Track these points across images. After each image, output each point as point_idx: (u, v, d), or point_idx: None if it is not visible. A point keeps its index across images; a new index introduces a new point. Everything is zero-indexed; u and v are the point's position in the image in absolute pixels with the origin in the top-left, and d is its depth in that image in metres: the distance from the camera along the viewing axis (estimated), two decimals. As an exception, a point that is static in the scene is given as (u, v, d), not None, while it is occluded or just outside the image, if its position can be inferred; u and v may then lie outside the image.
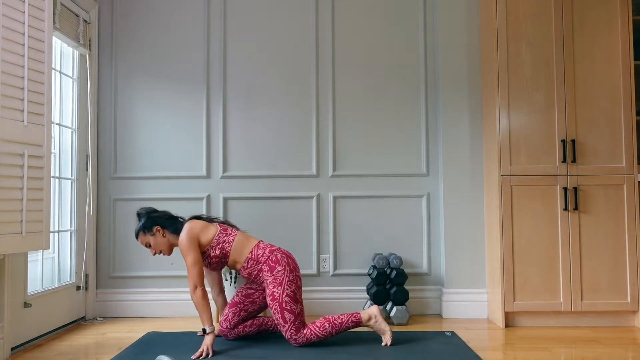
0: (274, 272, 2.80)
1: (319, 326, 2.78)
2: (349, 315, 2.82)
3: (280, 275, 2.79)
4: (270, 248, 2.87)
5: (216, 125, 3.79)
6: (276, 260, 2.82)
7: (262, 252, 2.85)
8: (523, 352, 2.77)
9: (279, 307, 2.75)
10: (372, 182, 3.76)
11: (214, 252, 2.84)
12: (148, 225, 2.89)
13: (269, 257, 2.83)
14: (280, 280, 2.78)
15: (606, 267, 3.26)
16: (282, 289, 2.76)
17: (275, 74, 3.81)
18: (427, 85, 3.78)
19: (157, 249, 2.90)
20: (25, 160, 2.59)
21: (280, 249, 2.90)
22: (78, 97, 3.61)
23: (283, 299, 2.75)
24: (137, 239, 2.93)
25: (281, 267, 2.80)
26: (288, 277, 2.79)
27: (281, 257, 2.83)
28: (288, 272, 2.80)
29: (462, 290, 3.59)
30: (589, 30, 3.34)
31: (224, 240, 2.85)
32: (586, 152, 3.31)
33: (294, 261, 2.87)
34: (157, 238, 2.88)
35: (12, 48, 2.53)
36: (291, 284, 2.78)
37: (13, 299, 2.83)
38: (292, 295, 2.77)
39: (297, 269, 2.86)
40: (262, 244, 2.89)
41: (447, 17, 3.68)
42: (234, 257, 2.86)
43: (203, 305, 2.72)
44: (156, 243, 2.89)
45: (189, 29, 3.82)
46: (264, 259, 2.83)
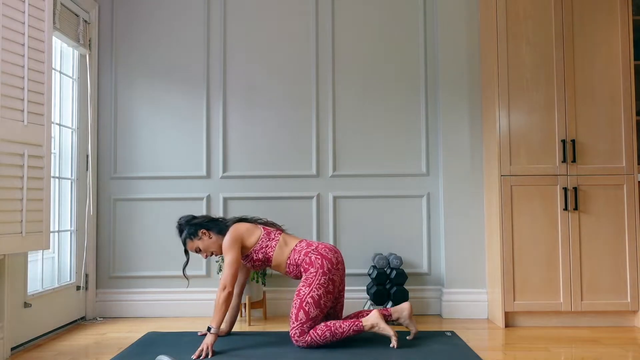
0: (307, 273, 2.82)
1: (319, 334, 2.75)
2: (351, 324, 2.78)
3: (311, 277, 2.80)
4: (306, 250, 2.87)
5: (216, 125, 3.79)
6: (310, 262, 2.83)
7: (299, 255, 2.87)
8: (523, 352, 2.77)
9: (298, 304, 2.76)
10: (372, 182, 3.76)
11: (257, 256, 2.90)
12: (193, 232, 2.96)
13: (304, 259, 2.85)
14: (310, 282, 2.79)
15: (606, 267, 3.26)
16: (308, 290, 2.77)
17: (275, 74, 3.81)
18: (427, 85, 3.78)
19: (208, 251, 2.96)
20: (25, 160, 2.59)
21: (318, 247, 2.88)
22: (78, 97, 3.61)
23: (306, 298, 2.76)
24: (186, 246, 3.00)
25: (314, 269, 2.81)
26: (319, 280, 2.79)
27: (315, 259, 2.83)
28: (320, 274, 2.79)
29: (462, 290, 3.59)
30: (589, 30, 3.34)
31: (267, 245, 2.90)
32: (586, 152, 3.31)
33: (330, 261, 2.83)
34: (204, 241, 2.95)
35: (12, 48, 2.53)
36: (320, 287, 2.78)
37: (13, 299, 2.83)
38: (316, 298, 2.76)
39: (332, 271, 2.82)
40: (298, 247, 2.90)
41: (447, 17, 3.68)
42: (276, 262, 2.91)
43: (222, 307, 2.75)
44: (205, 246, 2.95)
45: (189, 29, 3.82)
46: (300, 262, 2.86)
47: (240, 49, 3.82)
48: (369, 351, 2.73)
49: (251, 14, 3.84)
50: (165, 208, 3.75)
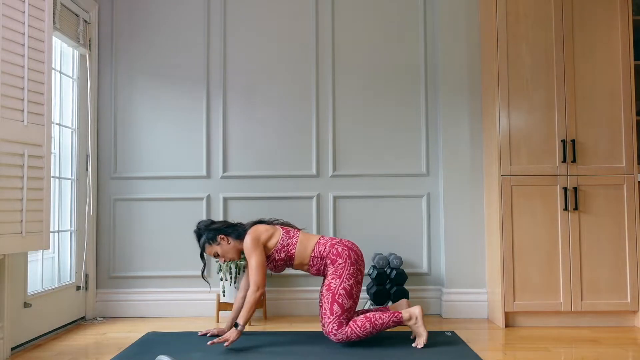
0: (335, 264, 2.83)
1: (359, 325, 2.75)
2: (391, 315, 2.78)
3: (341, 268, 2.81)
4: (331, 242, 2.89)
5: (216, 125, 3.79)
6: (337, 254, 2.84)
7: (323, 247, 2.88)
8: (523, 352, 2.77)
9: (330, 298, 2.77)
10: (372, 182, 3.76)
11: (279, 255, 2.89)
12: (212, 237, 2.96)
13: (330, 251, 2.86)
14: (340, 273, 2.80)
15: (606, 267, 3.26)
16: (339, 281, 2.79)
17: (275, 73, 3.81)
18: (427, 85, 3.78)
19: (226, 256, 2.97)
20: (25, 160, 2.59)
21: (342, 240, 2.91)
22: (78, 97, 3.61)
23: (338, 291, 2.77)
24: (204, 251, 3.00)
25: (342, 259, 2.83)
26: (348, 270, 2.81)
27: (342, 250, 2.85)
28: (349, 264, 2.82)
29: (462, 290, 3.59)
30: (589, 30, 3.34)
31: (288, 243, 2.90)
32: (586, 152, 3.31)
33: (356, 253, 2.87)
34: (223, 246, 2.95)
35: (12, 48, 2.53)
36: (350, 277, 2.80)
37: (13, 299, 2.83)
38: (348, 289, 2.78)
39: (359, 262, 2.86)
40: (322, 240, 2.91)
41: (447, 17, 3.68)
42: (299, 259, 2.90)
43: (254, 307, 2.79)
44: (223, 251, 2.96)
45: (189, 29, 3.82)
46: (326, 254, 2.86)
47: (240, 49, 3.82)
48: (369, 351, 2.73)
49: (251, 14, 3.84)
50: (165, 208, 3.75)
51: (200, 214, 3.73)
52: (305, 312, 3.69)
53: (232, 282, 3.41)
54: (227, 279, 3.43)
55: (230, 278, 3.41)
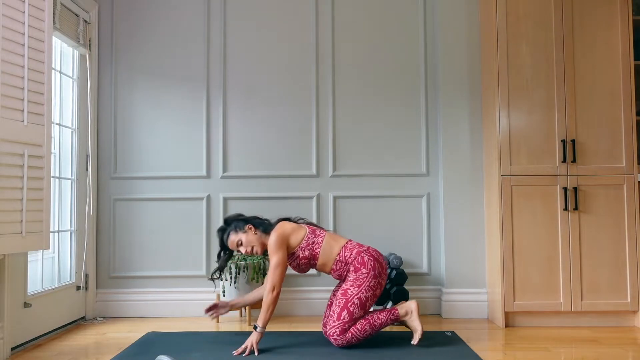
0: (357, 272, 2.78)
1: (359, 329, 2.74)
2: (387, 313, 2.79)
3: (362, 278, 2.77)
4: (358, 249, 2.84)
5: (216, 125, 3.79)
6: (362, 262, 2.79)
7: (350, 253, 2.83)
8: (523, 352, 2.77)
9: (343, 304, 2.74)
10: (372, 182, 3.76)
11: (304, 253, 2.84)
12: (240, 225, 2.91)
13: (356, 258, 2.81)
14: (360, 282, 2.76)
15: (606, 267, 3.26)
16: (357, 290, 2.75)
17: (275, 74, 3.81)
18: (427, 85, 3.78)
19: (249, 245, 2.89)
20: (25, 160, 2.59)
21: (369, 249, 2.86)
22: (78, 97, 3.61)
23: (353, 299, 2.73)
24: (227, 241, 2.92)
25: (366, 270, 2.78)
26: (369, 282, 2.76)
27: (368, 260, 2.80)
28: (371, 277, 2.77)
29: (462, 290, 3.59)
30: (589, 30, 3.34)
31: (313, 241, 2.85)
32: (586, 152, 3.31)
33: (381, 265, 2.82)
34: (249, 235, 2.89)
35: (12, 48, 2.53)
36: (369, 289, 2.76)
37: (13, 299, 2.83)
38: (363, 300, 2.74)
39: (382, 275, 2.81)
40: (349, 245, 2.87)
41: (447, 17, 3.68)
42: (322, 260, 2.85)
43: (271, 307, 2.73)
44: (248, 240, 2.88)
45: (189, 29, 3.82)
46: (351, 260, 2.81)
47: (240, 49, 3.82)
48: (368, 352, 2.73)
49: (251, 14, 3.84)
50: (165, 208, 3.75)
51: (200, 214, 3.74)
52: (305, 312, 3.69)
53: (232, 282, 3.41)
54: (227, 279, 3.43)
55: (231, 278, 3.41)
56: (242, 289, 3.41)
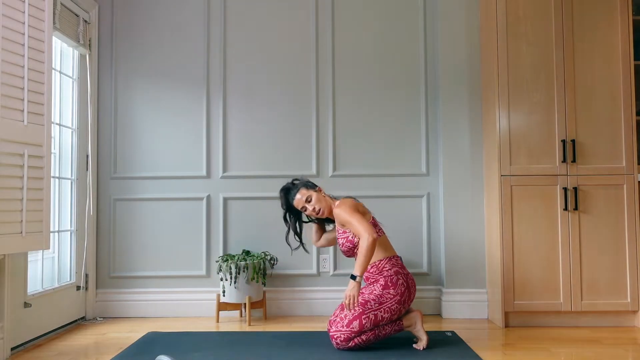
0: (384, 289, 2.73)
1: (364, 339, 2.71)
2: (392, 325, 2.77)
3: (387, 298, 2.71)
4: (398, 269, 2.79)
5: (216, 125, 3.79)
6: (394, 283, 2.73)
7: (390, 267, 2.78)
8: (523, 352, 2.77)
9: (358, 313, 2.68)
10: (372, 182, 3.76)
11: (356, 238, 2.80)
12: (311, 184, 2.97)
13: (391, 276, 2.75)
14: (383, 301, 2.71)
15: (606, 267, 3.26)
16: (377, 306, 2.70)
17: (275, 73, 3.81)
18: (427, 85, 3.78)
19: (317, 205, 2.89)
20: (25, 160, 2.59)
21: (408, 275, 2.81)
22: (78, 97, 3.61)
23: (369, 313, 2.69)
24: (293, 198, 2.93)
25: (394, 291, 2.72)
26: (391, 304, 2.71)
27: (401, 284, 2.74)
28: (396, 301, 2.71)
29: (462, 290, 3.59)
30: (589, 30, 3.34)
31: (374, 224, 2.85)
32: (586, 152, 3.31)
33: (409, 294, 2.76)
34: (319, 194, 2.94)
35: (12, 48, 2.53)
36: (388, 311, 2.71)
37: (13, 299, 2.83)
38: (378, 318, 2.70)
39: (406, 303, 2.75)
40: (394, 260, 2.82)
41: (447, 17, 3.68)
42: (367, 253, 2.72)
43: (368, 253, 2.63)
44: (317, 199, 2.91)
45: (189, 29, 3.82)
46: (386, 274, 2.77)
47: (240, 49, 3.82)
48: (369, 352, 2.73)
49: (251, 14, 3.84)
50: (166, 208, 3.75)
51: (200, 214, 3.74)
52: (305, 312, 3.69)
53: (232, 282, 3.41)
54: (227, 278, 3.42)
55: (230, 278, 3.41)
56: (242, 289, 3.41)
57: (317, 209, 2.90)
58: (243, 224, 3.73)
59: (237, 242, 3.73)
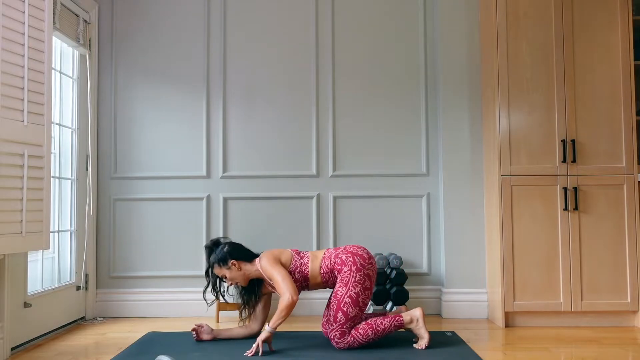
0: (341, 273, 2.78)
1: (362, 334, 2.73)
2: (392, 320, 2.77)
3: (346, 276, 2.75)
4: (335, 252, 2.85)
5: (216, 125, 3.79)
6: (341, 262, 2.79)
7: (329, 260, 2.83)
8: (523, 352, 2.77)
9: (336, 306, 2.73)
10: (372, 182, 3.76)
11: (294, 277, 2.84)
12: (223, 259, 2.89)
13: (335, 262, 2.81)
14: (346, 281, 2.74)
15: (606, 267, 3.26)
16: (346, 290, 2.73)
17: (275, 73, 3.81)
18: (427, 85, 3.78)
19: (232, 281, 2.92)
20: (25, 160, 2.59)
21: (346, 247, 2.86)
22: (78, 97, 3.61)
23: (344, 299, 2.72)
24: (212, 270, 2.94)
25: (347, 267, 2.77)
26: (354, 278, 2.74)
27: (346, 257, 2.79)
28: (355, 271, 2.75)
29: (462, 290, 3.59)
30: (589, 30, 3.34)
31: (301, 263, 2.85)
32: (586, 152, 3.31)
33: (361, 257, 2.79)
34: (232, 271, 2.89)
35: (12, 48, 2.53)
36: (357, 284, 2.73)
37: (13, 299, 2.83)
38: (354, 297, 2.72)
39: (365, 266, 2.77)
40: (327, 253, 2.87)
41: (447, 17, 3.68)
42: (313, 278, 2.86)
43: (284, 312, 2.67)
44: (232, 276, 2.89)
45: (189, 29, 3.82)
46: (332, 266, 2.82)
47: (240, 49, 3.82)
48: (369, 352, 2.73)
49: (251, 14, 3.84)
50: (166, 208, 3.75)
51: (200, 214, 3.74)
52: (305, 312, 3.69)
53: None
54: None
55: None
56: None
57: (232, 284, 2.93)
58: (243, 224, 3.73)
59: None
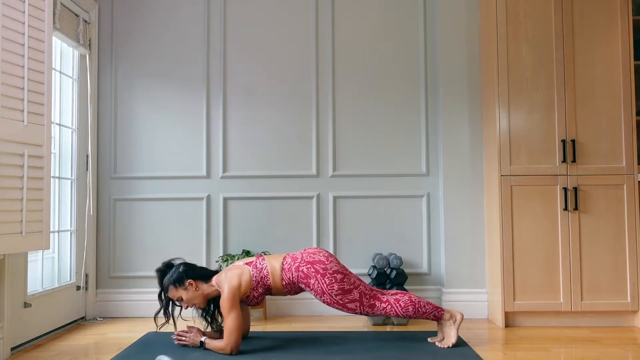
0: (311, 286, 2.75)
1: (402, 306, 2.73)
2: (434, 309, 2.79)
3: (318, 286, 2.73)
4: (295, 265, 2.78)
5: (216, 125, 3.79)
6: (305, 276, 2.76)
7: (290, 274, 2.78)
8: (523, 352, 2.77)
9: (340, 308, 2.76)
10: (372, 182, 3.76)
11: (258, 291, 2.80)
12: (179, 279, 2.77)
13: (298, 276, 2.77)
14: (322, 290, 2.73)
15: (606, 267, 3.26)
16: (328, 296, 2.73)
17: (275, 74, 3.81)
18: (427, 85, 3.78)
19: (190, 303, 2.80)
20: (25, 160, 2.59)
21: (302, 257, 2.80)
22: (78, 97, 3.61)
23: (336, 300, 2.73)
24: (167, 293, 2.82)
25: (312, 279, 2.74)
26: (325, 283, 2.72)
27: (307, 270, 2.75)
28: (320, 277, 2.73)
29: (462, 290, 3.59)
30: (589, 31, 3.34)
31: (261, 277, 2.79)
32: (586, 152, 3.31)
33: (320, 262, 2.76)
34: (189, 292, 2.78)
35: (12, 48, 2.53)
36: (331, 285, 2.72)
37: (13, 299, 2.83)
38: (340, 292, 2.73)
39: (327, 268, 2.74)
40: (286, 265, 2.80)
41: (447, 17, 3.68)
42: (276, 288, 2.82)
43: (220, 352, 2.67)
44: (190, 297, 2.78)
45: (189, 29, 3.82)
46: (296, 280, 2.78)
47: (240, 49, 3.82)
48: (369, 351, 2.73)
49: (251, 14, 3.84)
50: (165, 208, 3.75)
51: (200, 214, 3.74)
52: (305, 312, 3.69)
53: None
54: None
55: None
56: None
57: (190, 307, 2.82)
58: (243, 224, 3.73)
59: (237, 242, 3.73)
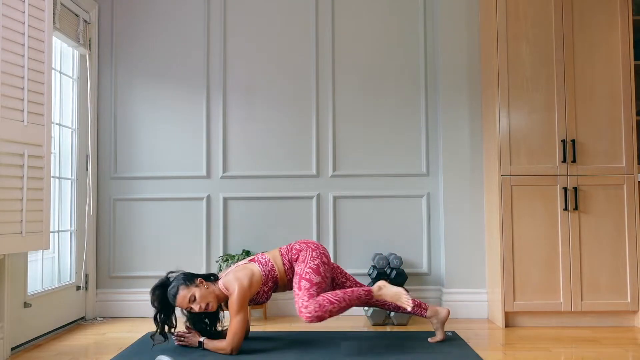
0: (299, 258, 2.84)
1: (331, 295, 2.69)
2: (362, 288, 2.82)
3: (303, 256, 2.83)
4: (288, 247, 2.91)
5: (216, 125, 3.79)
6: (297, 250, 2.87)
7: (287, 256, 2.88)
8: (523, 352, 2.77)
9: (298, 279, 2.76)
10: (372, 182, 3.76)
11: (268, 285, 2.84)
12: (189, 279, 2.73)
13: (292, 253, 2.87)
14: (304, 259, 2.81)
15: (606, 267, 3.26)
16: (305, 265, 2.79)
17: (275, 73, 3.81)
18: (427, 85, 3.78)
19: (204, 301, 2.68)
20: (25, 160, 2.59)
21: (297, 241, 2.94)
22: (78, 97, 3.61)
23: (304, 270, 2.77)
24: (175, 298, 2.68)
25: (303, 251, 2.85)
26: (310, 255, 2.81)
27: (300, 246, 2.88)
28: (310, 251, 2.84)
29: (462, 290, 3.59)
30: (589, 30, 3.34)
31: (268, 269, 2.83)
32: (586, 152, 3.31)
33: (314, 244, 2.89)
34: (201, 289, 2.69)
35: (12, 48, 2.53)
36: (314, 258, 2.80)
37: (13, 299, 2.83)
38: (314, 267, 2.77)
39: (319, 248, 2.87)
40: (283, 250, 2.91)
41: (447, 17, 3.68)
42: (282, 280, 2.87)
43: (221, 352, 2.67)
44: (202, 295, 2.68)
45: (189, 29, 3.82)
46: (290, 258, 2.87)
47: (240, 48, 3.82)
48: (369, 351, 2.73)
49: (251, 14, 3.84)
50: (165, 208, 3.75)
51: (200, 214, 3.74)
52: (305, 312, 3.68)
53: None
54: None
55: None
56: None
57: (203, 307, 2.68)
58: (243, 224, 3.73)
59: (237, 242, 3.73)
